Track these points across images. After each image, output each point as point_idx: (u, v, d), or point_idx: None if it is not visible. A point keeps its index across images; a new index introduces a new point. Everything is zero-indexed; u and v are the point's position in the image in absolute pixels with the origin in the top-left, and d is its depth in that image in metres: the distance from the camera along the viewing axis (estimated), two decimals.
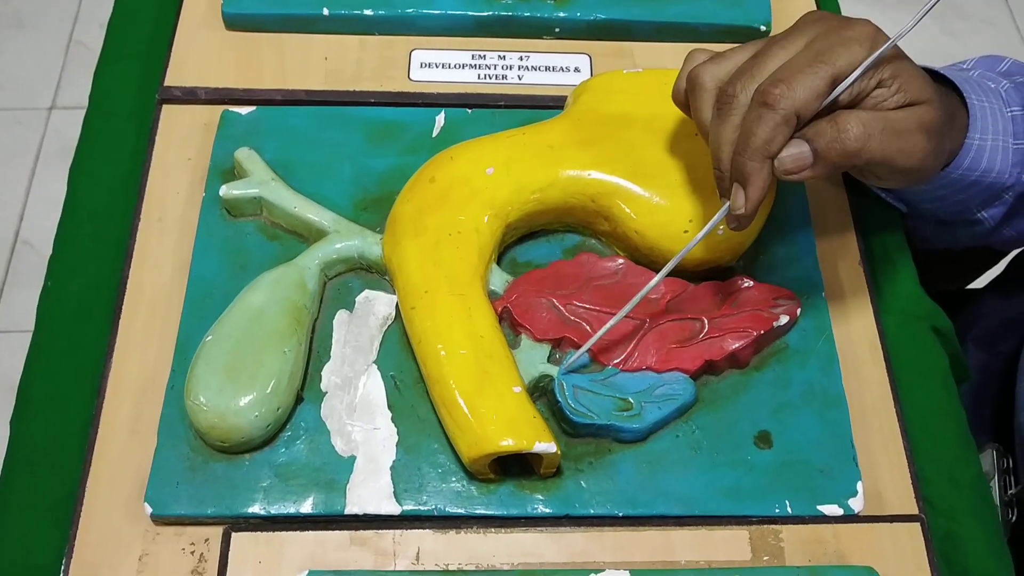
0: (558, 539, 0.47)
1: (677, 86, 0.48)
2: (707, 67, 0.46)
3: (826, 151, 0.43)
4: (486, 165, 0.52)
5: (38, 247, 1.35)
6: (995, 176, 0.51)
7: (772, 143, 0.42)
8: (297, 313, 0.50)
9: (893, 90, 0.43)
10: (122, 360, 0.51)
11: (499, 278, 0.52)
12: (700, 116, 0.46)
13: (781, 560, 0.47)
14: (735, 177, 0.44)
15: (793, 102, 0.42)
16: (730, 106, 0.44)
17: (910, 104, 0.44)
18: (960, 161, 0.51)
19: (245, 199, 0.54)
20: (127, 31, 0.65)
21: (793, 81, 0.42)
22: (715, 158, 0.45)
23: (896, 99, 0.44)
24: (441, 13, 0.62)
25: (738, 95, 0.43)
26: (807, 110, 0.42)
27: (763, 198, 0.44)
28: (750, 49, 0.45)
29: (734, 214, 0.45)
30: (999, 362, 0.68)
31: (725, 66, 0.45)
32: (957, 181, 0.52)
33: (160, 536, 0.47)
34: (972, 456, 0.53)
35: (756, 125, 0.42)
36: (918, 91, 0.44)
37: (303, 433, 0.49)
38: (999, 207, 0.55)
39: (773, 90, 0.42)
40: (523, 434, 0.45)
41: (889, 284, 0.57)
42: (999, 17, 1.63)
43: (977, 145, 0.50)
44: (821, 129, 0.43)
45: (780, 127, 0.42)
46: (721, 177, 0.45)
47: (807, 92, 0.42)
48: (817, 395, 0.51)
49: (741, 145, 0.43)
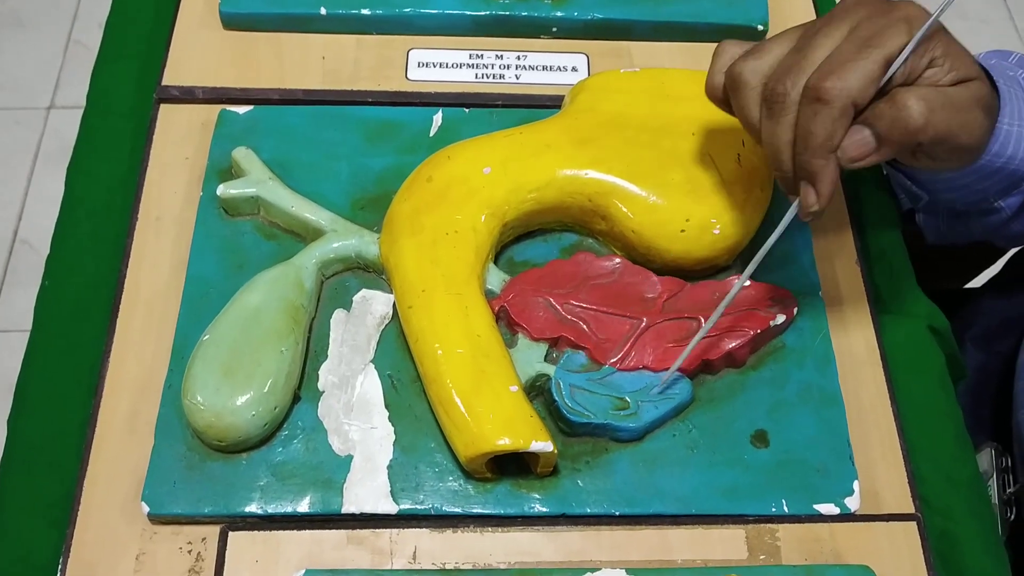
0: (555, 538, 0.47)
1: (712, 82, 0.46)
2: (747, 63, 0.44)
3: (889, 132, 0.41)
4: (483, 164, 0.52)
5: (37, 246, 1.36)
6: (1018, 164, 0.51)
7: (833, 138, 0.41)
8: (294, 312, 0.50)
9: (946, 68, 0.42)
10: (120, 359, 0.51)
11: (496, 277, 0.52)
12: (748, 116, 0.44)
13: (778, 559, 0.47)
14: (801, 176, 0.43)
15: (848, 92, 0.40)
16: (782, 105, 0.42)
17: (963, 81, 0.43)
18: (990, 147, 0.49)
19: (242, 198, 0.54)
20: (125, 31, 0.65)
21: (845, 71, 0.40)
22: (774, 160, 0.43)
23: (950, 76, 0.43)
24: (439, 12, 0.62)
25: (789, 92, 0.42)
26: (863, 98, 0.41)
27: (835, 190, 0.43)
28: (789, 40, 0.44)
29: (808, 211, 0.43)
30: (997, 361, 0.68)
31: (767, 60, 0.43)
32: (984, 167, 0.51)
33: (157, 535, 0.47)
34: (969, 455, 0.53)
35: (813, 123, 0.41)
36: (968, 68, 0.43)
37: (300, 432, 0.49)
38: (1017, 196, 0.54)
39: (825, 84, 0.40)
40: (520, 433, 0.45)
41: (886, 283, 0.57)
42: (998, 17, 1.63)
43: (1005, 130, 0.49)
44: (880, 111, 0.41)
45: (839, 120, 0.41)
46: (785, 177, 0.44)
47: (861, 80, 0.40)
48: (814, 394, 0.51)
49: (802, 145, 0.42)
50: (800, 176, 0.43)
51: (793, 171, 0.43)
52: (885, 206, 0.60)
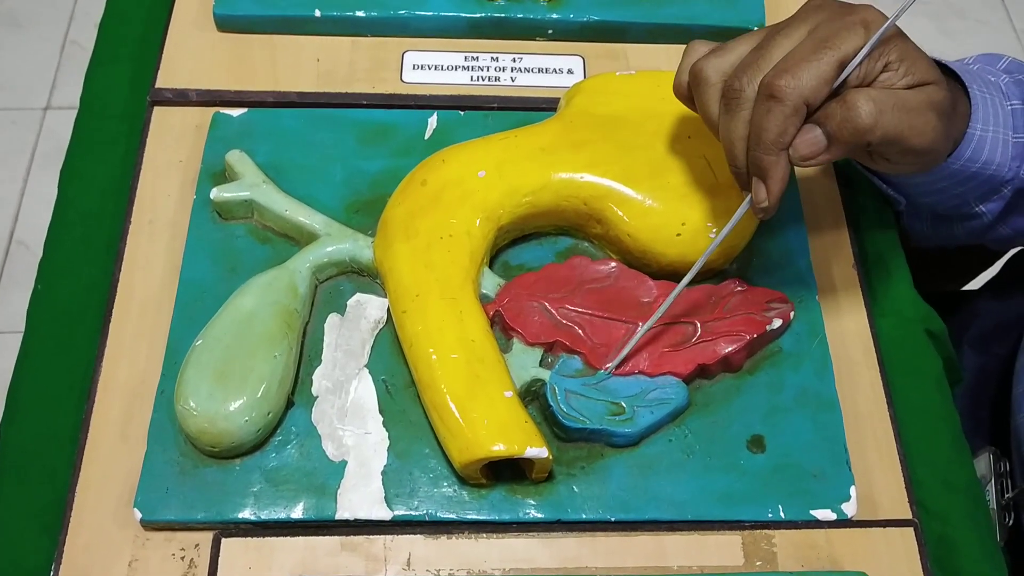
0: (550, 544, 0.47)
1: (679, 80, 0.47)
2: (710, 60, 0.45)
3: (839, 131, 0.42)
4: (478, 168, 0.52)
5: (33, 247, 1.35)
6: (995, 169, 0.51)
7: (785, 135, 0.42)
8: (288, 317, 0.50)
9: (901, 72, 0.43)
10: (112, 364, 0.51)
11: (491, 281, 0.52)
12: (707, 111, 0.45)
13: (774, 565, 0.47)
14: (753, 172, 0.44)
15: (801, 91, 0.41)
16: (738, 101, 0.43)
17: (918, 85, 0.43)
18: (962, 151, 0.50)
19: (236, 202, 0.54)
20: (118, 32, 0.64)
21: (799, 70, 0.41)
22: (729, 155, 0.44)
23: (904, 81, 0.43)
24: (434, 15, 0.62)
25: (744, 89, 0.43)
26: (816, 97, 0.42)
27: (784, 188, 0.44)
28: (752, 40, 0.45)
29: (759, 207, 0.44)
30: (995, 364, 0.68)
31: (728, 59, 0.45)
32: (958, 172, 0.51)
33: (150, 541, 0.47)
34: (966, 460, 0.53)
35: (766, 119, 0.42)
36: (924, 72, 0.44)
37: (294, 438, 0.48)
38: (997, 201, 0.54)
39: (779, 81, 0.41)
40: (515, 439, 0.45)
41: (883, 287, 0.57)
42: (996, 17, 1.63)
43: (979, 136, 0.50)
44: (831, 111, 0.42)
45: (791, 118, 0.42)
46: (739, 172, 0.45)
47: (814, 80, 0.41)
48: (810, 399, 0.51)
49: (754, 140, 0.43)
50: (752, 172, 0.44)
51: (746, 167, 0.44)
52: (881, 210, 0.60)
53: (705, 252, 0.47)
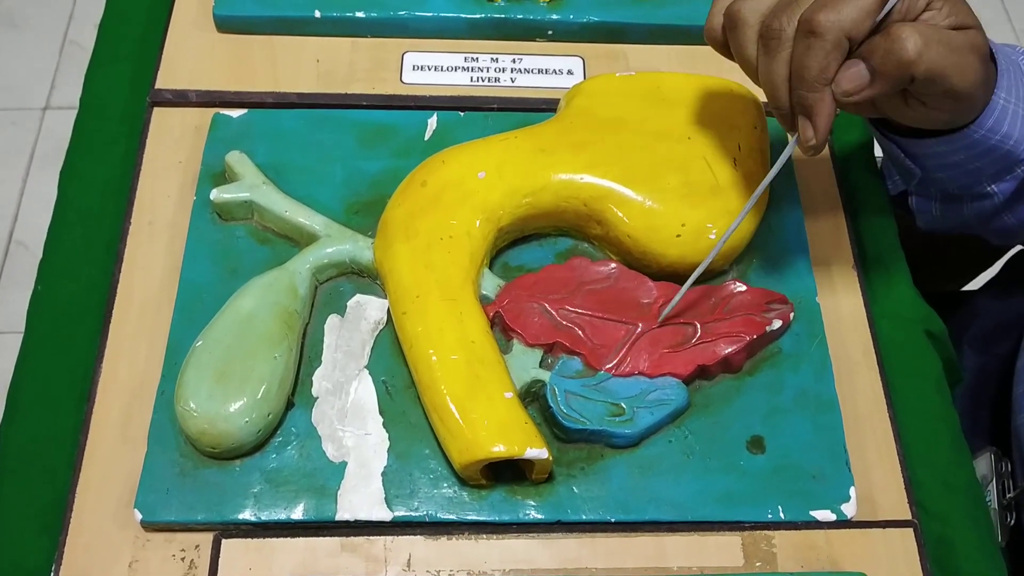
0: (550, 545, 0.47)
1: (711, 23, 0.46)
2: (746, 2, 0.44)
3: (883, 64, 0.42)
4: (478, 169, 0.52)
5: (32, 248, 1.35)
6: (1013, 144, 0.51)
7: (827, 70, 0.42)
8: (288, 318, 0.50)
9: (944, 12, 0.43)
10: (112, 365, 0.51)
11: (491, 282, 0.52)
12: (744, 53, 0.45)
13: (774, 566, 0.47)
14: (798, 111, 0.43)
15: (841, 24, 0.41)
16: (778, 40, 0.42)
17: (961, 27, 0.43)
18: (984, 120, 0.49)
19: (236, 203, 0.54)
20: (118, 33, 0.64)
21: (838, 4, 0.41)
22: (771, 96, 0.44)
23: (948, 20, 0.43)
24: (433, 15, 0.62)
25: (784, 28, 0.42)
26: (857, 31, 0.41)
27: (831, 124, 0.43)
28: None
29: (807, 144, 0.44)
30: (995, 364, 0.68)
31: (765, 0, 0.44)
32: (978, 143, 0.51)
33: (150, 542, 0.47)
34: (966, 460, 0.53)
35: (807, 56, 0.42)
36: (966, 15, 0.43)
37: (294, 439, 0.48)
38: (1010, 181, 0.54)
39: (818, 16, 0.41)
40: (515, 440, 0.45)
41: (883, 288, 0.57)
42: (994, 18, 1.63)
43: (1002, 105, 0.49)
44: (875, 44, 0.42)
45: (832, 53, 0.41)
46: (782, 114, 0.44)
47: (855, 12, 0.41)
48: (810, 400, 0.51)
49: (796, 78, 0.42)
50: (797, 111, 0.44)
51: (790, 107, 0.44)
52: (882, 210, 0.60)
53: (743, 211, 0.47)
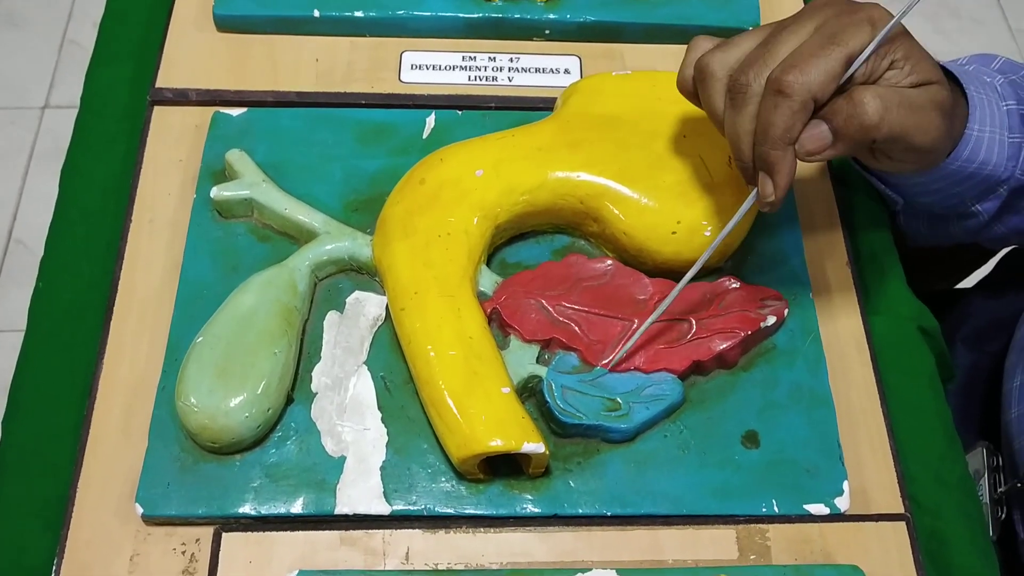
0: (547, 539, 0.47)
1: (683, 75, 0.47)
2: (715, 55, 0.45)
3: (845, 127, 0.42)
4: (475, 167, 0.53)
5: (31, 246, 1.36)
6: (991, 169, 0.52)
7: (792, 130, 0.42)
8: (287, 314, 0.50)
9: (906, 71, 0.43)
10: (113, 361, 0.51)
11: (488, 279, 0.52)
12: (712, 106, 0.46)
13: (768, 559, 0.47)
14: (760, 167, 0.44)
15: (808, 87, 0.41)
16: (744, 95, 0.43)
17: (923, 84, 0.44)
18: (960, 152, 0.51)
19: (236, 200, 0.54)
20: (118, 32, 0.65)
21: (807, 66, 0.41)
22: (735, 149, 0.45)
23: (909, 79, 0.44)
24: (432, 15, 0.63)
25: (751, 84, 0.43)
26: (823, 93, 0.42)
27: (791, 182, 0.44)
28: (758, 35, 0.45)
29: (765, 201, 0.45)
30: (987, 361, 0.69)
31: (734, 53, 0.45)
32: (955, 172, 0.52)
33: (151, 536, 0.47)
34: (958, 455, 0.53)
35: (773, 114, 0.42)
36: (928, 71, 0.44)
37: (293, 434, 0.49)
38: (994, 200, 0.55)
39: (787, 77, 0.41)
40: (512, 434, 0.46)
41: (876, 284, 0.58)
42: (991, 16, 1.64)
43: (976, 136, 0.50)
44: (838, 107, 0.43)
45: (798, 113, 0.42)
46: (744, 167, 0.45)
47: (822, 75, 0.42)
48: (804, 395, 0.51)
49: (761, 135, 0.43)
50: (759, 167, 0.44)
51: (752, 161, 0.44)
52: (876, 208, 0.60)
53: (708, 248, 0.48)
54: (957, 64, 0.57)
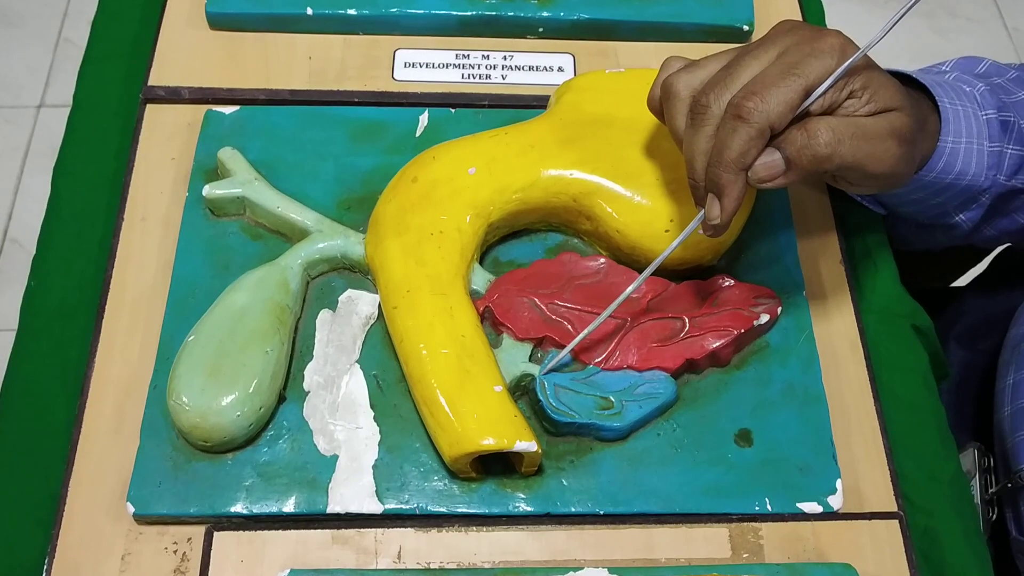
0: (539, 537, 0.47)
1: (652, 93, 0.48)
2: (681, 76, 0.46)
3: (797, 157, 0.43)
4: (468, 165, 0.53)
5: (26, 245, 1.35)
6: (971, 179, 0.52)
7: (746, 156, 0.43)
8: (280, 313, 0.50)
9: (864, 100, 0.44)
10: (105, 359, 0.51)
11: (481, 277, 0.52)
12: (674, 124, 0.46)
13: (760, 557, 0.47)
14: (710, 188, 0.44)
15: (767, 115, 0.42)
16: (703, 116, 0.44)
17: (881, 111, 0.44)
18: (934, 164, 0.51)
19: (228, 199, 0.54)
20: (111, 30, 0.65)
21: (766, 94, 0.42)
22: (689, 167, 0.45)
23: (867, 108, 0.44)
24: (425, 13, 0.62)
25: (711, 105, 0.44)
26: (780, 122, 0.42)
27: (738, 208, 0.44)
28: (723, 59, 0.46)
29: (710, 223, 0.45)
30: (981, 359, 0.69)
31: (699, 75, 0.45)
32: (932, 184, 0.52)
33: (143, 535, 0.47)
34: (951, 453, 0.54)
35: (730, 138, 0.42)
36: (889, 99, 0.44)
37: (285, 432, 0.49)
38: (976, 210, 0.55)
39: (747, 103, 0.42)
40: (504, 433, 0.46)
41: (870, 283, 0.57)
42: (987, 15, 1.64)
43: (951, 148, 0.51)
44: (792, 137, 0.43)
45: (754, 140, 0.42)
46: (695, 186, 0.45)
47: (780, 105, 0.42)
48: (797, 393, 0.51)
49: (715, 157, 0.43)
50: (709, 188, 0.44)
51: (704, 182, 0.45)
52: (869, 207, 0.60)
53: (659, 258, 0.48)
54: (937, 71, 0.57)
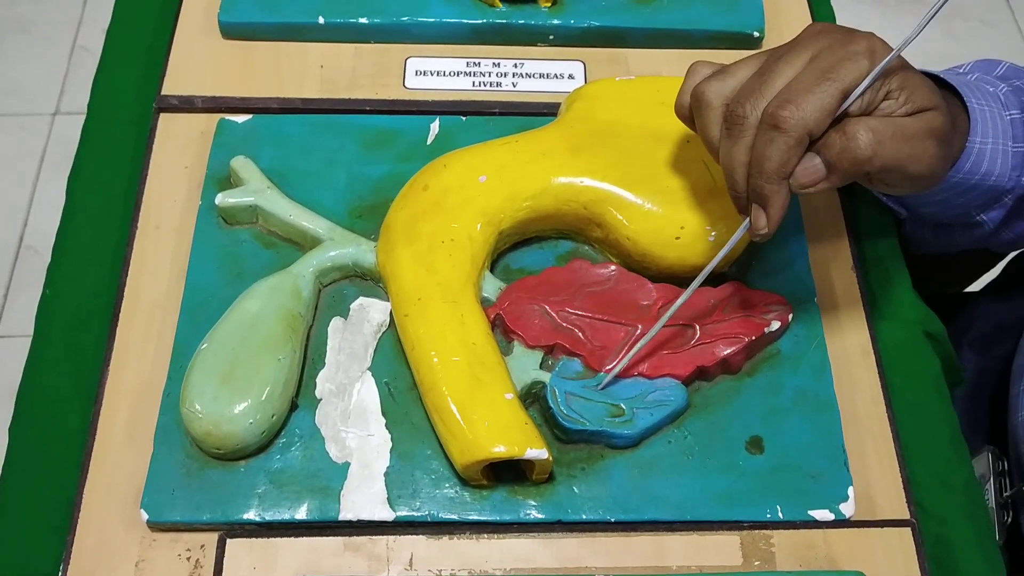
0: (550, 544, 0.47)
1: (680, 101, 0.47)
2: (711, 84, 0.45)
3: (838, 161, 0.42)
4: (479, 173, 0.53)
5: (42, 252, 1.36)
6: (995, 179, 0.51)
7: (787, 165, 0.42)
8: (292, 320, 0.50)
9: (901, 101, 0.43)
10: (119, 367, 0.52)
11: (492, 285, 0.52)
12: (708, 134, 0.45)
13: (772, 565, 0.47)
14: (753, 199, 0.44)
15: (804, 122, 0.41)
16: (740, 127, 0.43)
17: (919, 111, 0.44)
18: (961, 165, 0.50)
19: (241, 207, 0.54)
20: (125, 39, 0.65)
21: (802, 101, 0.41)
22: (729, 179, 0.45)
23: (904, 108, 0.43)
24: (436, 21, 0.63)
25: (748, 116, 0.43)
26: (818, 128, 0.42)
27: (784, 215, 0.44)
28: (753, 64, 0.45)
29: (757, 232, 0.44)
30: (994, 365, 0.68)
31: (730, 83, 0.45)
32: (958, 185, 0.52)
33: (156, 542, 0.47)
34: (964, 460, 0.53)
35: (769, 148, 0.42)
36: (925, 99, 0.44)
37: (298, 440, 0.49)
38: (999, 210, 0.55)
39: (783, 112, 0.41)
40: (515, 440, 0.46)
41: (882, 289, 0.57)
42: (1001, 19, 1.63)
43: (978, 149, 0.50)
44: (831, 140, 0.42)
45: (793, 148, 0.42)
46: (738, 197, 0.45)
47: (817, 111, 0.41)
48: (809, 400, 0.51)
49: (756, 168, 0.43)
50: (752, 198, 0.44)
51: (746, 192, 0.44)
52: (880, 213, 0.60)
53: (705, 269, 0.47)
54: (959, 73, 0.57)
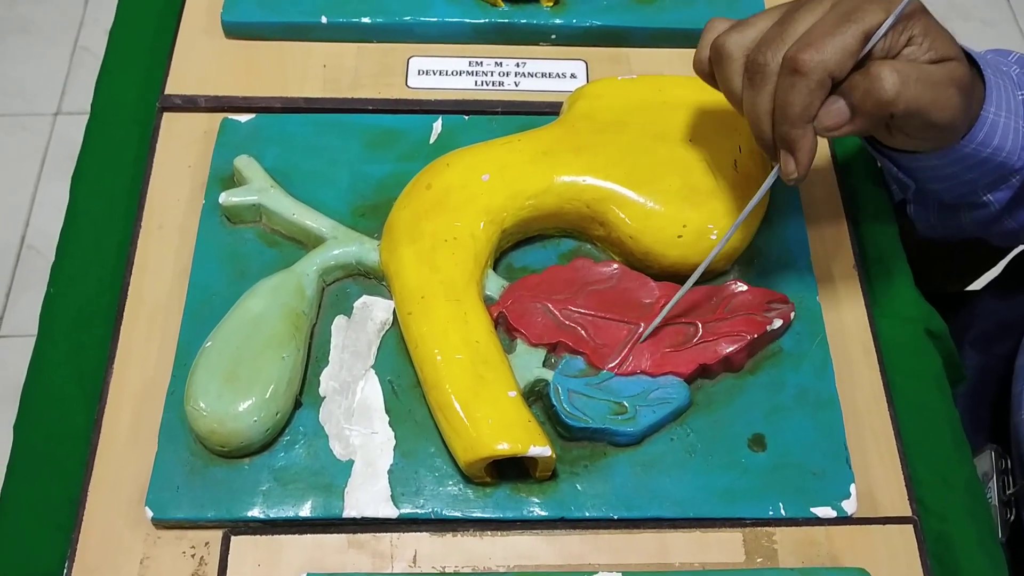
0: (553, 541, 0.48)
1: (699, 56, 0.47)
2: (731, 35, 0.45)
3: (862, 102, 0.42)
4: (481, 171, 0.53)
5: (44, 252, 1.36)
6: (1005, 156, 0.51)
7: (810, 108, 0.42)
8: (296, 319, 0.50)
9: (924, 47, 0.43)
10: (123, 366, 0.52)
11: (495, 283, 0.53)
12: (729, 86, 0.45)
13: (774, 562, 0.47)
14: (781, 145, 0.44)
15: (825, 65, 0.41)
16: (762, 75, 0.43)
17: (941, 60, 0.44)
18: (975, 134, 0.50)
19: (244, 206, 0.55)
20: (128, 39, 0.65)
21: (823, 44, 0.41)
22: (755, 128, 0.45)
23: (928, 55, 0.43)
24: (438, 20, 0.63)
25: (769, 63, 0.43)
26: (840, 70, 0.42)
27: (813, 158, 0.44)
28: (773, 15, 0.45)
29: (789, 177, 0.44)
30: (996, 363, 0.68)
31: (750, 33, 0.44)
32: (969, 156, 0.51)
33: (161, 540, 0.48)
34: (966, 457, 0.53)
35: (791, 94, 0.42)
36: (947, 47, 0.44)
37: (302, 437, 0.49)
38: (1006, 191, 0.54)
39: (803, 56, 0.41)
40: (518, 438, 0.46)
41: (883, 287, 0.57)
42: (1001, 18, 1.63)
43: (991, 119, 0.50)
44: (855, 82, 0.42)
45: (815, 91, 0.42)
46: (766, 144, 0.45)
47: (838, 53, 0.41)
48: (811, 398, 0.51)
49: (780, 115, 0.43)
50: (780, 145, 0.44)
51: (773, 139, 0.44)
52: (883, 210, 0.60)
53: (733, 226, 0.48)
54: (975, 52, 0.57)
